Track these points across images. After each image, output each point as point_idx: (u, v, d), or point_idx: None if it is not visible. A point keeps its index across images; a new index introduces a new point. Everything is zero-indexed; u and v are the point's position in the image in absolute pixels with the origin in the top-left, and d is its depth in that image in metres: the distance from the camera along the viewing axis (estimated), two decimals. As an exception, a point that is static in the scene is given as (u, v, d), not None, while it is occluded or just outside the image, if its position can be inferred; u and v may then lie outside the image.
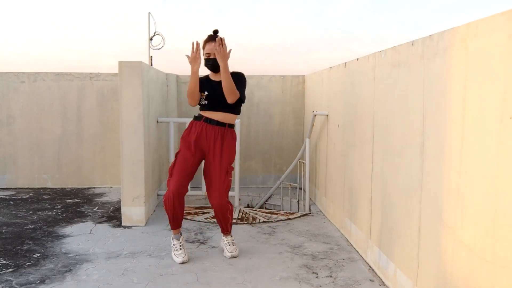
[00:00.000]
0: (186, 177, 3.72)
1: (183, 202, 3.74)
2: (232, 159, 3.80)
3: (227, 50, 3.57)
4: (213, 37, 3.66)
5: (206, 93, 3.73)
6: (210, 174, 3.72)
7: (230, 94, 3.60)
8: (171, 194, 3.65)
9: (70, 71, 6.52)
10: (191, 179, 3.80)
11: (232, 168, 3.85)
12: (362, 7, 13.77)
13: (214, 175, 3.70)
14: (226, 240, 3.91)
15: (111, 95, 6.46)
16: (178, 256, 3.73)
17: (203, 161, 3.82)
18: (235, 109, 3.78)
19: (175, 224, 3.82)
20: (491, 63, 2.05)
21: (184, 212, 5.20)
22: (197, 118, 3.79)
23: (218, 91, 3.69)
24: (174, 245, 3.81)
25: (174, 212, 3.73)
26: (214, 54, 3.61)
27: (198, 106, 3.83)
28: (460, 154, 2.30)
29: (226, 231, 3.94)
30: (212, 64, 3.67)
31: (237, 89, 3.64)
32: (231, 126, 3.79)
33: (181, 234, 3.88)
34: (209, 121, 3.71)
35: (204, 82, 3.78)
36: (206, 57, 3.68)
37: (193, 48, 3.60)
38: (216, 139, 3.70)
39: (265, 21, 13.28)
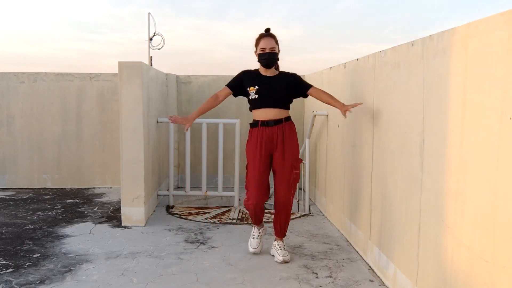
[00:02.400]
0: (263, 187, 3.75)
1: (263, 208, 3.86)
2: (296, 151, 3.77)
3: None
4: (268, 33, 3.72)
5: (256, 87, 3.70)
6: (276, 170, 3.75)
7: (329, 96, 3.76)
8: (252, 207, 3.75)
9: (70, 71, 6.52)
10: (269, 184, 3.83)
11: (300, 161, 3.84)
12: (363, 7, 13.77)
13: (279, 170, 3.72)
14: (278, 245, 3.82)
15: (111, 95, 6.46)
16: (251, 245, 3.90)
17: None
18: (286, 104, 3.78)
19: (257, 222, 3.92)
20: (491, 63, 2.05)
21: (184, 212, 5.21)
22: (254, 124, 3.76)
23: (270, 86, 3.70)
24: (253, 232, 3.95)
25: (257, 217, 3.86)
26: (270, 49, 3.65)
27: (248, 106, 3.85)
28: (460, 154, 2.30)
29: (283, 234, 3.86)
30: (267, 58, 3.67)
31: (305, 83, 3.79)
32: (288, 119, 3.77)
33: (263, 226, 3.98)
34: (266, 123, 3.69)
35: (253, 76, 3.76)
36: (261, 52, 3.68)
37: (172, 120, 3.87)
38: (278, 138, 3.69)
39: (264, 21, 13.28)
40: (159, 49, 6.54)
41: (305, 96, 3.85)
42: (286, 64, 3.91)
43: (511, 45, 1.90)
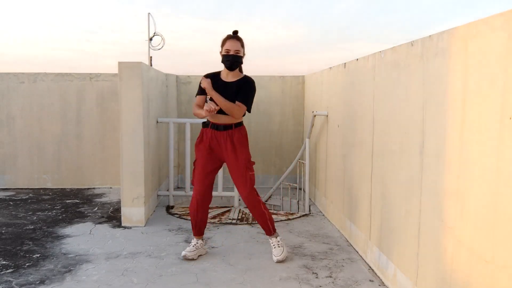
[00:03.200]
0: (208, 185, 3.79)
1: (207, 210, 3.85)
2: (247, 155, 3.79)
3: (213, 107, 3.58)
4: (234, 36, 3.71)
5: None
6: (233, 176, 3.80)
7: (229, 112, 3.64)
8: (195, 202, 3.78)
9: (69, 72, 6.52)
10: (212, 186, 3.86)
11: (253, 163, 3.86)
12: (362, 7, 13.78)
13: (235, 173, 3.76)
14: (272, 243, 3.82)
15: (111, 96, 6.46)
16: (185, 249, 3.81)
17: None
18: None
19: (197, 231, 3.88)
20: (490, 64, 2.05)
21: (184, 212, 5.20)
22: (206, 125, 3.80)
23: (224, 94, 3.66)
24: (191, 241, 3.89)
25: (197, 219, 3.83)
26: (234, 51, 3.65)
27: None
28: (460, 154, 2.30)
29: (268, 230, 3.85)
30: (231, 61, 3.66)
31: (242, 98, 3.67)
32: (238, 124, 3.77)
33: (202, 240, 3.91)
34: (216, 127, 3.72)
35: (213, 81, 3.72)
36: (225, 53, 3.67)
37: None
38: (226, 143, 3.71)
39: (264, 21, 13.29)
40: (159, 49, 6.54)
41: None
42: (286, 64, 3.91)
43: (511, 45, 1.91)
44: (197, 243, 3.85)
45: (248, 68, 3.93)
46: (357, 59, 4.05)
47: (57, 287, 3.25)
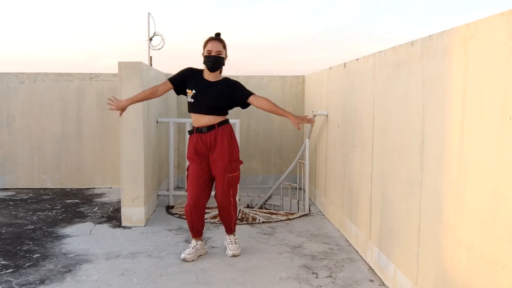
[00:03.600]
0: (201, 189, 3.76)
1: (201, 214, 3.83)
2: (231, 155, 3.76)
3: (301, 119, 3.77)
4: (216, 37, 3.73)
5: (193, 91, 3.72)
6: (214, 175, 3.79)
7: (271, 106, 3.78)
8: (188, 208, 3.77)
9: (69, 72, 6.52)
10: (209, 189, 3.83)
11: (238, 163, 3.83)
12: (362, 7, 13.77)
13: (215, 172, 3.76)
14: (229, 239, 3.95)
15: (111, 96, 6.43)
16: (184, 251, 3.81)
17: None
18: (221, 111, 3.76)
19: (195, 233, 3.88)
20: (490, 64, 2.05)
21: (184, 212, 5.20)
22: (191, 131, 3.83)
23: (207, 93, 3.69)
24: (191, 243, 3.89)
25: (193, 224, 3.83)
26: (216, 52, 3.65)
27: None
28: (460, 154, 2.30)
29: (230, 229, 3.96)
30: (212, 61, 3.66)
31: (247, 92, 3.76)
32: (221, 123, 3.75)
33: (202, 240, 3.92)
34: (200, 130, 3.73)
35: (196, 78, 3.75)
36: (207, 54, 3.68)
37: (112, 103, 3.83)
38: (211, 143, 3.73)
39: (265, 21, 13.29)
40: (159, 49, 6.54)
41: (244, 106, 3.84)
42: (286, 64, 3.93)
43: (511, 45, 1.91)
44: (196, 244, 3.85)
45: (249, 68, 3.93)
46: (357, 59, 4.05)
47: (57, 287, 3.25)
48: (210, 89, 3.70)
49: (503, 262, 1.96)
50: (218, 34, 3.77)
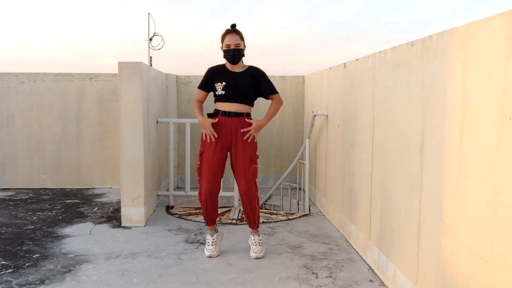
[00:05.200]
0: (216, 176, 3.78)
1: (216, 201, 3.86)
2: (254, 146, 3.81)
3: (254, 126, 3.75)
4: (232, 30, 3.75)
5: (223, 83, 3.74)
6: (236, 164, 3.78)
7: (278, 110, 3.92)
8: (203, 195, 3.79)
9: (69, 72, 6.52)
10: (221, 176, 3.85)
11: (257, 156, 3.86)
12: (362, 7, 13.77)
13: (239, 164, 3.76)
14: (254, 239, 3.89)
15: (110, 96, 6.46)
16: (207, 250, 3.85)
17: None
18: (251, 100, 3.84)
19: (209, 221, 3.91)
20: (490, 64, 2.05)
21: (184, 212, 5.21)
22: (214, 114, 3.80)
23: (237, 82, 3.74)
24: (207, 240, 3.91)
25: (207, 211, 3.85)
26: (234, 45, 3.68)
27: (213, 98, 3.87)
28: (460, 154, 2.30)
29: (254, 224, 3.90)
30: (232, 55, 3.70)
31: (271, 89, 3.84)
32: (249, 115, 3.82)
33: (216, 230, 3.95)
34: (227, 114, 3.74)
35: (221, 72, 3.81)
36: (226, 48, 3.71)
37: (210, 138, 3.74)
38: (237, 130, 3.73)
39: (264, 21, 13.28)
40: (159, 49, 6.54)
41: (267, 98, 3.92)
42: (286, 64, 3.94)
43: (510, 45, 1.90)
44: (214, 239, 3.88)
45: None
46: (357, 59, 4.05)
47: (57, 287, 3.25)
48: (239, 79, 3.75)
49: (503, 262, 1.96)
50: (233, 26, 3.78)
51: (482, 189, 2.11)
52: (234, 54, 3.70)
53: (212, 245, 3.86)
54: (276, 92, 3.89)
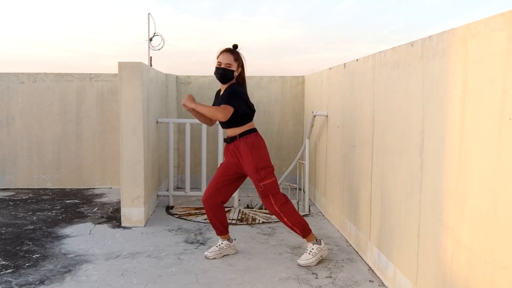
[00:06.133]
0: (216, 185, 3.79)
1: (216, 211, 3.81)
2: (257, 163, 3.66)
3: (190, 101, 3.71)
4: (229, 49, 3.73)
5: None
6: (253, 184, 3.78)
7: (212, 116, 3.64)
8: (203, 201, 3.84)
9: (69, 72, 6.52)
10: (227, 191, 3.82)
11: (267, 170, 3.68)
12: (362, 7, 13.77)
13: (253, 181, 3.73)
14: (307, 247, 3.75)
15: (110, 96, 6.46)
16: (208, 249, 3.88)
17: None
18: (235, 122, 3.66)
19: (217, 230, 3.90)
20: (490, 64, 2.05)
21: (184, 212, 5.20)
22: (225, 140, 3.89)
23: (219, 104, 3.71)
24: (218, 241, 3.92)
25: (210, 219, 3.88)
26: (225, 64, 3.66)
27: None
28: (460, 155, 2.30)
29: (300, 234, 3.74)
30: (220, 74, 3.68)
31: (224, 101, 3.60)
32: (242, 134, 3.69)
33: (229, 240, 3.91)
34: (226, 140, 3.81)
35: (216, 97, 3.88)
36: (217, 65, 3.70)
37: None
38: (236, 154, 3.74)
39: (264, 21, 13.29)
40: (159, 49, 6.54)
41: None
42: (286, 64, 3.94)
43: (510, 46, 1.91)
44: (221, 243, 3.87)
45: (249, 68, 3.92)
46: (357, 60, 4.05)
47: (57, 287, 3.25)
48: (219, 101, 3.75)
49: (503, 262, 1.95)
50: (235, 46, 3.77)
51: (482, 189, 2.11)
52: (222, 73, 3.66)
53: (216, 247, 3.86)
54: (225, 103, 3.59)
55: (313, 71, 6.17)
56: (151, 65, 6.49)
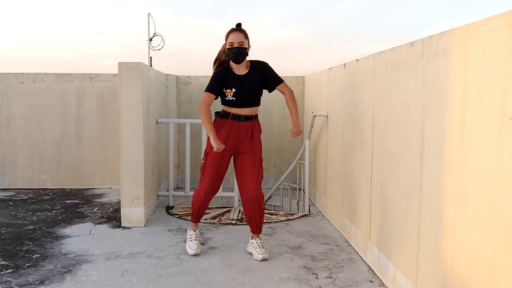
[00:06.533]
0: (219, 176, 3.82)
1: (209, 201, 3.91)
2: (261, 149, 3.83)
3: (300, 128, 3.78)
4: (237, 28, 3.73)
5: (233, 90, 3.69)
6: (244, 168, 3.76)
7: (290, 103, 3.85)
8: (203, 192, 3.82)
9: (69, 72, 6.52)
10: (223, 177, 3.89)
11: (262, 159, 3.88)
12: (362, 7, 13.78)
13: (248, 167, 3.74)
14: (256, 243, 3.83)
15: (110, 96, 6.46)
16: (191, 247, 3.86)
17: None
18: (259, 101, 3.84)
19: (198, 218, 3.99)
20: (490, 64, 2.05)
21: (184, 212, 5.21)
22: (223, 115, 3.77)
23: (246, 86, 3.70)
24: (190, 235, 3.94)
25: (201, 209, 3.91)
26: (238, 43, 3.64)
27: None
28: (460, 155, 2.30)
29: (258, 229, 3.87)
30: (235, 53, 3.65)
31: (277, 78, 3.78)
32: (257, 116, 3.84)
33: (198, 227, 4.02)
34: (238, 117, 3.72)
35: (228, 77, 3.73)
36: (229, 47, 3.68)
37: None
38: (247, 133, 3.73)
39: (264, 21, 13.29)
40: (159, 49, 6.55)
41: (270, 90, 3.87)
42: (286, 64, 3.95)
43: (511, 46, 1.91)
44: (196, 235, 3.93)
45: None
46: (357, 60, 4.05)
47: (57, 287, 3.25)
48: (247, 83, 3.72)
49: (503, 262, 1.96)
50: (239, 25, 3.76)
51: (482, 189, 2.11)
52: (237, 52, 3.65)
53: (194, 240, 3.89)
54: (282, 81, 3.81)
55: (313, 71, 6.17)
56: (151, 65, 6.49)
